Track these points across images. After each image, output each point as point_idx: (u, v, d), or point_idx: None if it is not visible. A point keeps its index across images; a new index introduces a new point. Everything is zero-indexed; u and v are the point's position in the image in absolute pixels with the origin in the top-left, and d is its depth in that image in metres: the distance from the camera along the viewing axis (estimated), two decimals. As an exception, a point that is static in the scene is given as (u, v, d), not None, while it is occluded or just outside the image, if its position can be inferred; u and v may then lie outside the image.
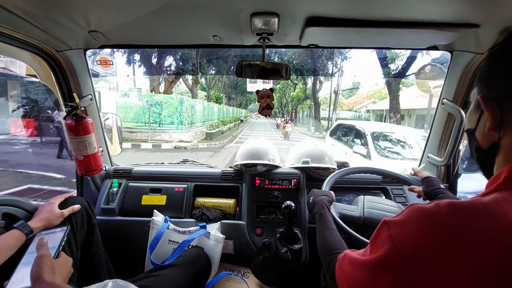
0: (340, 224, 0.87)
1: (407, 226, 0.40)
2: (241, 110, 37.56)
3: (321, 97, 24.45)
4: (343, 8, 0.80)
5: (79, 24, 0.92)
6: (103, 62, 1.99)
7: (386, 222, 0.43)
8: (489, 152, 0.45)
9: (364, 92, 29.16)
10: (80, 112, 1.16)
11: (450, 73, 1.19)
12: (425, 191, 1.04)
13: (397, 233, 0.40)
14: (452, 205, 0.37)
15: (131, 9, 0.82)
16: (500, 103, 0.41)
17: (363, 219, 0.98)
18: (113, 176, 1.47)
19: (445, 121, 1.26)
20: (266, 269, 1.24)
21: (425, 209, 0.39)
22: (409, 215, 0.41)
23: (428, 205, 0.39)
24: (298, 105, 32.04)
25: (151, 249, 1.16)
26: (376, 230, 0.46)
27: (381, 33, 0.95)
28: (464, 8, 0.77)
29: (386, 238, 0.41)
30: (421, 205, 0.40)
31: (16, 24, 0.87)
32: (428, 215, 0.38)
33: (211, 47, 1.18)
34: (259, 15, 0.84)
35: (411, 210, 0.41)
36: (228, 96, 29.87)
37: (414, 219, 0.39)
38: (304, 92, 28.45)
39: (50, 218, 0.90)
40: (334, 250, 0.68)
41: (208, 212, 1.34)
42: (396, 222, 0.42)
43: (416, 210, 0.40)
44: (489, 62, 0.44)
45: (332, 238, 0.74)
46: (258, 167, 1.39)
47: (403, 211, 0.43)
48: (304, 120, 31.23)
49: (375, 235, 0.45)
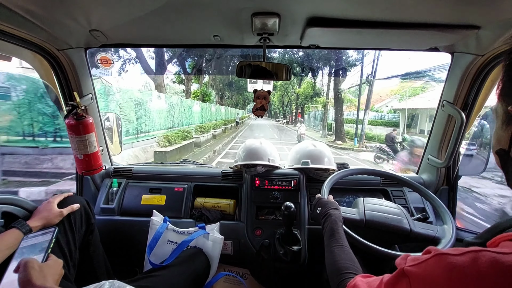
0: (357, 238, 0.86)
1: (434, 286, 0.31)
2: (238, 110, 33.46)
3: (344, 91, 17.67)
4: (344, 9, 0.80)
5: (80, 23, 0.92)
6: (103, 61, 1.99)
7: (406, 275, 0.35)
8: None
9: (384, 87, 21.04)
10: (81, 111, 1.16)
11: (450, 74, 1.18)
12: None
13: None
14: (495, 264, 0.29)
15: (132, 8, 0.82)
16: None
17: (364, 222, 0.97)
18: (113, 176, 1.46)
19: (445, 123, 1.26)
20: (265, 270, 1.24)
21: (458, 266, 0.30)
22: (436, 272, 0.32)
23: (462, 261, 0.30)
24: (304, 103, 25.06)
25: (150, 249, 1.15)
26: (393, 278, 0.38)
27: (381, 34, 0.95)
28: (465, 9, 0.77)
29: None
30: (451, 258, 0.31)
31: (17, 22, 0.87)
32: (464, 276, 0.29)
33: (212, 47, 1.18)
34: (260, 15, 0.84)
35: (438, 264, 0.32)
36: (220, 93, 23.93)
37: (445, 280, 0.30)
38: (312, 88, 22.41)
39: (49, 217, 0.90)
40: (344, 270, 0.62)
41: (208, 212, 1.34)
42: (419, 277, 0.33)
43: (446, 267, 0.31)
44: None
45: (343, 256, 0.69)
46: (258, 167, 1.39)
47: (427, 261, 0.34)
48: (313, 122, 25.43)
49: (392, 282, 0.37)
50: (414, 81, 15.72)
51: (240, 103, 36.30)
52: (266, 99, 1.17)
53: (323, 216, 0.89)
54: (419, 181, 1.38)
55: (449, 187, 1.34)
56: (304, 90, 23.21)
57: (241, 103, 37.10)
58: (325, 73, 18.46)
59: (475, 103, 1.15)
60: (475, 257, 0.30)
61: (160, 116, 9.54)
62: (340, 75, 15.81)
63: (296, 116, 26.09)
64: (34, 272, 0.63)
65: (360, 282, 0.49)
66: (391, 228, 0.95)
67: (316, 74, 19.04)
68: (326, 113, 18.08)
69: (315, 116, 25.18)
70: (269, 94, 1.17)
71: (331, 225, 0.82)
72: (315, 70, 18.06)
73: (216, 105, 20.26)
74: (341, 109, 14.72)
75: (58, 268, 0.72)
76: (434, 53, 1.14)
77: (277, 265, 1.19)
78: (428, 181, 1.38)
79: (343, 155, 11.01)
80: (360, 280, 0.51)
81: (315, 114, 24.99)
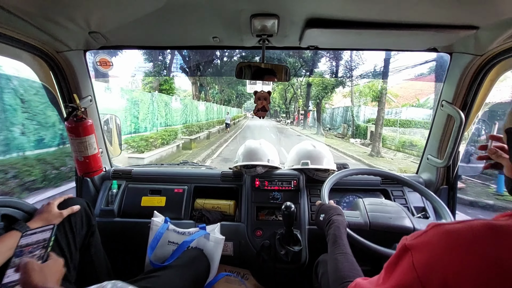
0: (360, 240, 0.87)
1: (434, 253, 0.34)
2: (232, 109, 26.99)
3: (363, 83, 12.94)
4: (342, 9, 0.81)
5: (79, 25, 0.92)
6: (102, 63, 1.95)
7: (407, 248, 0.37)
8: None
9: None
10: (80, 113, 1.16)
11: (449, 74, 1.19)
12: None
13: (422, 261, 0.34)
14: (490, 227, 0.31)
15: (132, 10, 0.82)
16: None
17: (369, 225, 0.97)
18: (112, 178, 1.46)
19: (444, 122, 1.26)
20: (265, 271, 1.24)
21: (455, 232, 0.33)
22: (435, 239, 0.35)
23: (458, 227, 0.34)
24: (323, 96, 16.01)
25: (151, 249, 1.15)
26: (394, 256, 0.39)
27: (380, 35, 0.95)
28: (463, 10, 0.77)
29: (407, 267, 0.36)
30: (448, 226, 0.34)
31: (16, 25, 0.87)
32: (460, 239, 0.32)
33: (211, 48, 1.19)
34: (259, 17, 0.84)
35: (436, 233, 0.35)
36: (202, 87, 16.93)
37: (443, 245, 0.33)
38: (334, 74, 14.48)
39: (48, 218, 0.90)
40: (347, 279, 0.61)
41: (208, 213, 1.34)
42: (420, 248, 0.36)
43: (444, 234, 0.34)
44: None
45: (346, 264, 0.68)
46: (258, 168, 1.39)
47: (426, 232, 0.37)
48: (330, 122, 18.30)
49: (393, 262, 0.39)
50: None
51: (233, 99, 28.07)
52: (266, 100, 1.18)
53: (326, 223, 0.88)
54: (419, 180, 1.39)
55: (449, 187, 1.34)
56: (322, 80, 15.87)
57: (235, 100, 29.69)
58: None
59: (474, 102, 1.15)
60: (470, 223, 0.33)
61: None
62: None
63: (305, 116, 19.64)
64: (34, 273, 0.64)
65: (360, 280, 0.50)
66: (395, 228, 0.95)
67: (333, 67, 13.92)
68: (351, 111, 13.27)
69: (332, 116, 18.17)
70: (270, 94, 1.18)
71: (334, 231, 0.81)
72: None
73: (195, 101, 14.13)
74: (383, 108, 10.00)
75: (59, 267, 0.73)
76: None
77: (277, 265, 1.19)
78: (428, 180, 1.39)
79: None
80: (360, 279, 0.51)
81: (333, 113, 18.02)
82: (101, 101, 1.34)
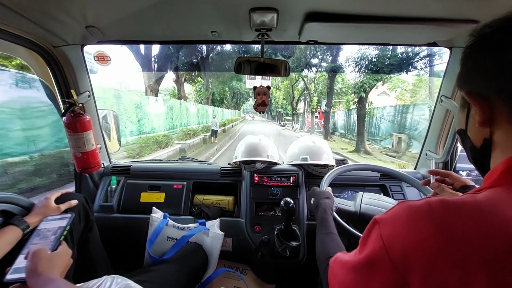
0: (341, 223, 0.87)
1: (397, 224, 0.38)
2: (227, 110, 22.14)
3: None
4: (342, 3, 0.80)
5: (75, 19, 0.91)
6: (100, 58, 1.90)
7: (376, 221, 0.42)
8: (484, 150, 0.44)
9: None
10: (78, 108, 1.16)
11: (449, 69, 1.18)
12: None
13: (387, 232, 0.39)
14: (443, 202, 0.36)
15: (129, 3, 0.81)
16: (485, 98, 0.41)
17: (358, 214, 0.98)
18: (111, 173, 1.46)
19: (443, 118, 1.26)
20: (264, 266, 1.25)
21: (415, 206, 0.38)
22: (398, 212, 0.40)
23: (418, 203, 0.38)
24: (371, 86, 10.11)
25: (150, 243, 1.16)
26: (367, 229, 0.44)
27: (380, 29, 0.94)
28: (463, 4, 0.76)
29: (376, 238, 0.40)
30: (411, 202, 0.39)
31: (11, 19, 0.85)
32: (418, 213, 0.37)
33: (209, 43, 1.17)
34: (258, 11, 0.83)
35: (400, 208, 0.40)
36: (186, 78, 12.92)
37: (404, 218, 0.38)
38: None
39: (46, 212, 0.91)
40: (331, 255, 0.65)
41: (207, 209, 1.34)
42: (386, 221, 0.40)
43: (406, 208, 0.39)
44: (465, 59, 0.45)
45: (331, 243, 0.72)
46: (257, 164, 1.39)
47: (393, 208, 0.42)
48: (373, 130, 11.61)
49: (366, 234, 0.44)
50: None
51: (228, 98, 22.25)
52: (266, 95, 1.19)
53: (315, 205, 0.92)
54: (417, 176, 1.39)
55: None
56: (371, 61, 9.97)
57: (230, 100, 23.89)
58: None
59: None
60: (428, 200, 0.37)
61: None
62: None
63: (327, 118, 14.05)
64: (41, 262, 0.66)
65: (340, 254, 0.55)
66: None
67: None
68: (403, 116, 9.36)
69: (369, 122, 11.66)
70: (269, 89, 1.18)
71: (321, 214, 0.85)
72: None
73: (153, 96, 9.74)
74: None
75: (67, 257, 0.74)
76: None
77: (276, 261, 1.20)
78: (426, 176, 1.39)
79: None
80: (340, 253, 0.56)
81: (371, 114, 11.59)
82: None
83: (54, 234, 0.80)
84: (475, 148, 0.46)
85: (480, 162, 0.46)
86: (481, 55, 0.41)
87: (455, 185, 0.81)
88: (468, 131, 0.47)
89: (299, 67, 14.17)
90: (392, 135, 10.38)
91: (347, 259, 0.48)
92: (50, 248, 0.75)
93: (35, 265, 0.65)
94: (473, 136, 0.46)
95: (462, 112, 0.48)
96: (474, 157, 0.48)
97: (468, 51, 0.44)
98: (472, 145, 0.46)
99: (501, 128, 0.40)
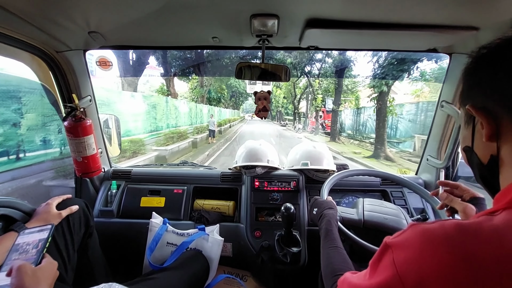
0: (350, 235, 0.86)
1: (411, 250, 0.36)
2: (225, 109, 21.20)
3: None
4: (343, 10, 0.80)
5: (78, 25, 0.92)
6: (102, 63, 1.91)
7: (388, 245, 0.40)
8: (491, 167, 0.43)
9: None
10: (79, 113, 1.16)
11: (449, 75, 1.19)
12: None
13: (400, 258, 0.37)
14: (460, 226, 0.34)
15: (131, 10, 0.82)
16: (490, 112, 0.40)
17: (363, 222, 0.97)
18: (112, 178, 1.46)
19: (444, 123, 1.26)
20: (265, 272, 1.23)
21: (429, 231, 0.36)
22: (412, 237, 0.38)
23: (432, 226, 0.36)
24: (395, 78, 8.32)
25: (150, 251, 1.15)
26: (378, 253, 0.43)
27: (380, 35, 0.95)
28: (463, 11, 0.77)
29: (388, 264, 0.38)
30: (424, 225, 0.38)
31: (15, 24, 0.86)
32: (433, 238, 0.35)
33: (210, 48, 1.19)
34: (259, 17, 0.84)
35: (414, 231, 0.38)
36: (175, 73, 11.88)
37: (418, 243, 0.36)
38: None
39: (47, 219, 0.90)
40: (338, 272, 0.64)
41: (207, 214, 1.34)
42: (399, 245, 0.39)
43: (420, 233, 0.37)
44: (466, 77, 0.45)
45: (338, 258, 0.70)
46: (258, 169, 1.39)
47: (405, 231, 0.40)
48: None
49: (377, 259, 0.42)
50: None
51: (226, 98, 20.76)
52: (267, 100, 1.19)
53: (319, 217, 0.90)
54: (418, 181, 1.39)
55: None
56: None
57: (229, 100, 22.89)
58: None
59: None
60: (443, 223, 0.36)
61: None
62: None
63: (334, 116, 12.46)
64: (26, 277, 0.62)
65: (349, 275, 0.53)
66: (390, 229, 0.95)
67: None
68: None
69: (391, 125, 9.88)
70: (269, 94, 1.18)
71: (325, 225, 0.83)
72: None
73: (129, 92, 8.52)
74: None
75: (53, 270, 0.71)
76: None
77: (277, 266, 1.18)
78: (428, 181, 1.39)
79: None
80: (349, 274, 0.54)
81: (394, 121, 9.88)
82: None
83: (36, 247, 0.74)
84: (482, 165, 0.44)
85: (488, 180, 0.45)
86: (482, 71, 0.42)
87: (464, 196, 0.79)
88: (475, 148, 0.45)
89: (302, 63, 12.81)
90: (413, 137, 9.09)
91: (356, 283, 0.47)
92: (33, 262, 0.70)
93: (21, 281, 0.61)
94: (480, 152, 0.44)
95: (467, 129, 0.46)
96: (482, 175, 0.46)
97: (469, 69, 0.44)
98: (479, 162, 0.45)
99: (509, 142, 0.39)
